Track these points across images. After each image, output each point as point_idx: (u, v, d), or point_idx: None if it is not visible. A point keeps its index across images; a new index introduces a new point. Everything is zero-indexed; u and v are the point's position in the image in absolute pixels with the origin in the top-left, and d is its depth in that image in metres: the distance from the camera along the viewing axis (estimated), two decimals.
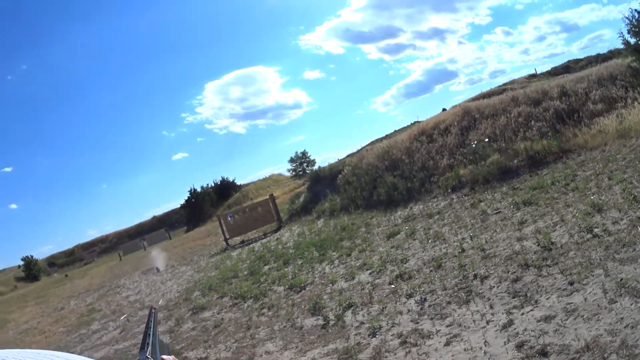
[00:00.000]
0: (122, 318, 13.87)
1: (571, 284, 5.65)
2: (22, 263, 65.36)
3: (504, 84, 36.52)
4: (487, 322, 5.62)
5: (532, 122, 14.42)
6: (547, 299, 5.57)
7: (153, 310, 1.73)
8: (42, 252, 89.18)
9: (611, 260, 5.73)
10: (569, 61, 45.19)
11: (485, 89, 38.07)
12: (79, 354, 5.56)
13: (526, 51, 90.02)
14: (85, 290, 25.03)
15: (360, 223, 15.07)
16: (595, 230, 6.92)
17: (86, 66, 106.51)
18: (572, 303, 5.26)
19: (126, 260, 40.47)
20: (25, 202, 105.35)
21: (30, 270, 63.51)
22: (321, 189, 22.04)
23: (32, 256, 66.25)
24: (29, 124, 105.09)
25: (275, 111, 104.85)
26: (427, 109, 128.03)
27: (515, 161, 13.03)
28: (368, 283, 8.98)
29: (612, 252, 5.94)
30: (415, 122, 35.12)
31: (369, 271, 9.73)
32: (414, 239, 10.90)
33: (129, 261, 36.72)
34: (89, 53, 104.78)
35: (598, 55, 40.98)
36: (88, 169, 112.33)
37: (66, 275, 47.64)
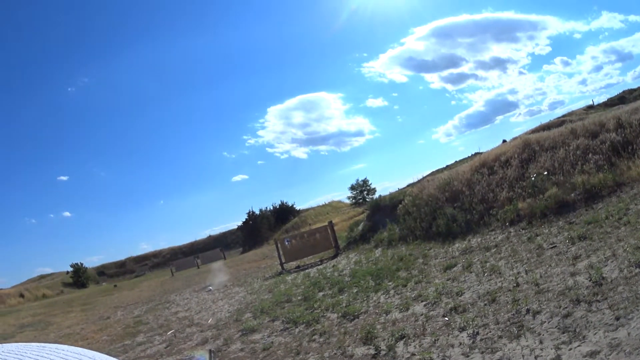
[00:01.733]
0: (169, 333, 14.02)
1: (617, 319, 5.61)
2: (70, 269, 67.20)
3: (563, 116, 36.15)
4: (535, 358, 5.60)
5: (590, 155, 14.16)
6: (595, 334, 5.53)
7: (212, 354, 1.83)
8: (92, 261, 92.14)
9: None
10: (623, 91, 44.62)
11: (545, 120, 37.75)
12: None
13: (584, 81, 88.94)
14: (133, 302, 25.39)
15: (418, 254, 14.96)
16: None
17: (150, 82, 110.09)
18: (616, 338, 5.22)
19: (178, 276, 40.92)
20: (79, 211, 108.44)
21: (79, 277, 65.28)
22: (380, 218, 21.98)
23: (81, 264, 68.25)
24: (88, 135, 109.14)
25: (338, 138, 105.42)
26: (487, 140, 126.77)
27: (572, 195, 12.80)
28: (422, 314, 8.95)
29: None
30: (476, 154, 34.94)
31: (424, 302, 9.67)
32: (470, 272, 10.80)
33: (181, 278, 37.12)
34: (153, 70, 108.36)
35: None
36: (146, 184, 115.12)
37: (115, 286, 48.69)
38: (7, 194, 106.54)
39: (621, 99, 40.06)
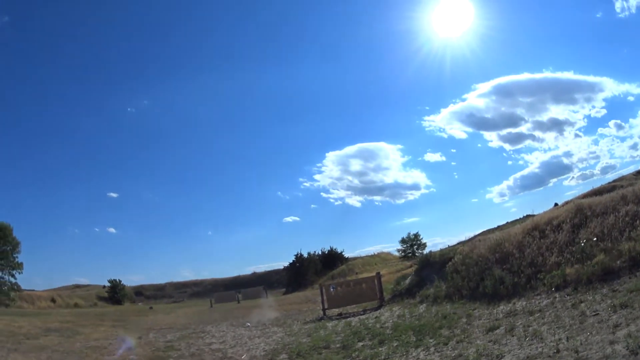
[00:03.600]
0: None
1: None
2: (108, 284, 68.22)
3: (614, 181, 35.58)
4: None
5: (637, 222, 13.89)
6: None
7: None
8: (131, 279, 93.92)
9: None
10: None
11: (597, 184, 37.23)
12: None
13: (635, 146, 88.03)
14: (167, 327, 25.39)
15: (462, 313, 14.79)
16: None
17: (211, 112, 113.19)
18: None
19: (217, 308, 40.95)
20: (124, 228, 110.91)
21: (115, 293, 66.36)
22: (428, 273, 21.87)
23: (119, 280, 69.38)
24: (143, 156, 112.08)
25: (393, 190, 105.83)
26: (539, 203, 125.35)
27: (618, 262, 12.47)
28: None
29: None
30: (528, 216, 34.48)
31: None
32: (513, 335, 10.64)
33: (220, 310, 37.10)
34: (216, 100, 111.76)
35: None
36: (195, 212, 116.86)
37: (151, 307, 49.10)
38: (58, 202, 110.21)
39: None
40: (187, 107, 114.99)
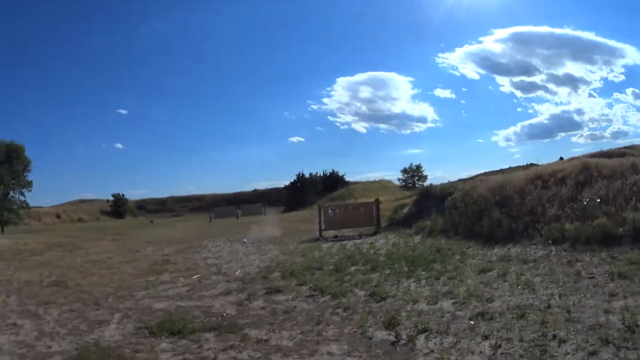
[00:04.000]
0: (194, 277, 14.42)
1: None
2: (111, 198, 68.86)
3: (625, 147, 35.32)
4: None
5: None
6: None
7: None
8: (134, 194, 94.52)
9: None
10: None
11: (605, 147, 36.95)
12: (139, 299, 6.38)
13: None
14: (166, 240, 26.13)
15: (456, 250, 15.06)
16: None
17: (222, 32, 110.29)
18: None
19: (216, 223, 41.43)
20: (131, 144, 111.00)
21: (118, 207, 67.31)
22: (427, 206, 22.16)
23: (123, 195, 70.13)
24: (154, 75, 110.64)
25: (400, 120, 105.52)
26: (545, 154, 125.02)
27: (621, 229, 12.56)
28: (449, 312, 9.07)
29: None
30: (531, 164, 34.57)
31: (453, 300, 9.80)
32: (505, 281, 10.85)
33: (218, 225, 37.72)
34: (228, 21, 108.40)
35: None
36: (202, 129, 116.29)
37: (151, 221, 50.02)
38: (67, 119, 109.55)
39: None
40: (199, 26, 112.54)
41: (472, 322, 8.36)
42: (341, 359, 7.39)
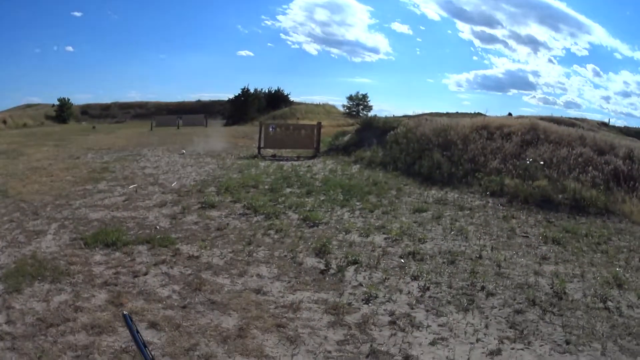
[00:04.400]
0: (131, 187, 14.19)
1: (567, 343, 5.69)
2: (57, 103, 66.43)
3: (575, 118, 36.16)
4: (477, 340, 5.72)
5: (590, 169, 14.28)
6: (540, 346, 5.64)
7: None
8: (79, 98, 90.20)
9: (612, 342, 5.73)
10: None
11: (556, 113, 37.68)
12: (76, 208, 6.02)
13: (607, 98, 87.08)
14: (106, 147, 25.39)
15: (393, 185, 15.17)
16: (609, 303, 6.87)
17: None
18: None
19: (157, 132, 40.42)
20: (82, 47, 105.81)
21: (62, 112, 64.58)
22: (368, 137, 22.07)
23: (68, 99, 67.28)
24: None
25: (353, 47, 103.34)
26: (494, 107, 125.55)
27: (560, 196, 12.96)
28: (380, 247, 9.18)
29: (616, 335, 5.92)
30: (479, 114, 35.00)
31: (385, 236, 9.92)
32: (439, 224, 11.03)
33: (159, 134, 36.76)
34: None
35: None
36: (154, 35, 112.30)
37: (94, 127, 48.53)
38: (20, 20, 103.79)
39: (638, 133, 40.01)
40: None
41: (402, 261, 8.46)
42: (270, 282, 7.40)
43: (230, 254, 8.52)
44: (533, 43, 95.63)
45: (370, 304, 6.66)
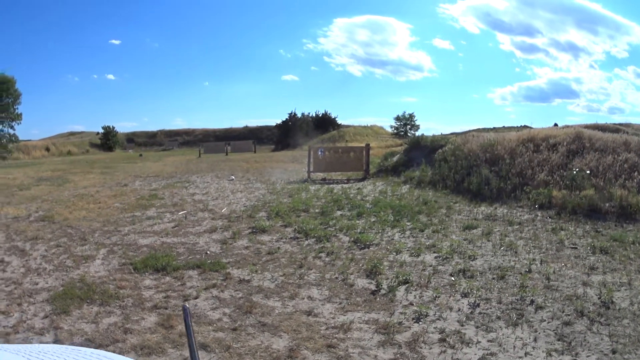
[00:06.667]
0: (180, 213, 14.42)
1: (614, 352, 5.70)
2: (101, 131, 68.22)
3: (620, 124, 35.33)
4: (526, 354, 5.77)
5: (635, 174, 14.13)
6: (587, 357, 5.66)
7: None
8: (124, 126, 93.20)
9: None
10: None
11: (601, 120, 37.01)
12: (125, 234, 6.54)
13: None
14: (154, 175, 25.90)
15: (443, 203, 15.19)
16: None
17: None
18: None
19: (205, 158, 40.66)
20: (123, 75, 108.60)
21: (108, 139, 66.33)
22: (417, 156, 22.11)
23: (113, 127, 69.09)
24: (148, 3, 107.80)
25: (396, 66, 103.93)
26: (539, 118, 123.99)
27: (607, 204, 12.82)
28: (431, 266, 9.23)
29: None
30: (525, 126, 34.80)
31: (436, 254, 9.95)
32: (488, 240, 11.03)
33: (207, 161, 37.05)
34: None
35: None
36: (196, 62, 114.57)
37: (140, 155, 49.58)
38: (58, 49, 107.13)
39: None
40: None
41: (453, 278, 8.55)
42: (321, 304, 7.51)
43: (282, 277, 8.65)
44: (573, 49, 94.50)
45: (420, 323, 6.68)
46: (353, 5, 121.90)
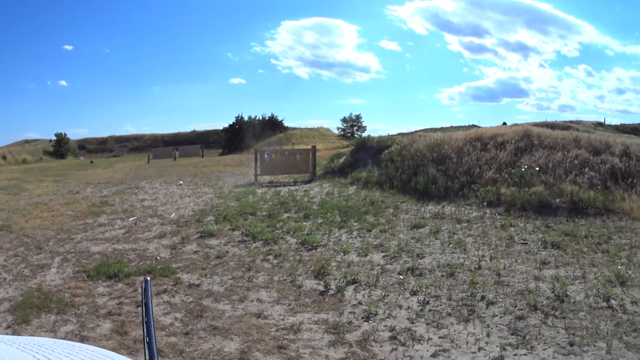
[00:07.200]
0: (130, 219, 14.14)
1: (571, 344, 5.64)
2: (54, 138, 66.88)
3: (570, 121, 36.31)
4: (479, 349, 5.68)
5: (586, 170, 14.28)
6: (544, 350, 5.59)
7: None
8: (76, 133, 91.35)
9: (617, 340, 5.69)
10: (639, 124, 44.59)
11: (551, 118, 37.81)
12: (78, 242, 5.97)
13: (601, 97, 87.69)
14: (104, 181, 25.41)
15: (390, 203, 15.09)
16: (612, 301, 6.84)
17: None
18: None
19: (154, 164, 40.51)
20: (76, 81, 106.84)
21: (60, 147, 65.02)
22: (363, 157, 22.01)
23: (65, 134, 67.77)
24: (99, 9, 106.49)
25: (343, 68, 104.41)
26: (488, 117, 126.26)
27: (557, 200, 12.93)
28: (379, 265, 9.11)
29: (621, 332, 5.88)
30: (473, 126, 35.14)
31: (383, 254, 9.84)
32: (436, 238, 10.97)
33: (156, 166, 36.72)
34: None
35: None
36: (146, 67, 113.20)
37: (91, 162, 48.61)
38: (11, 56, 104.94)
39: (635, 130, 40.11)
40: None
41: (401, 277, 8.39)
42: (270, 306, 7.36)
43: (231, 281, 8.50)
44: (523, 49, 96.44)
45: (370, 321, 6.63)
46: (301, 8, 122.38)
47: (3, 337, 0.86)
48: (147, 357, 1.10)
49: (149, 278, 1.27)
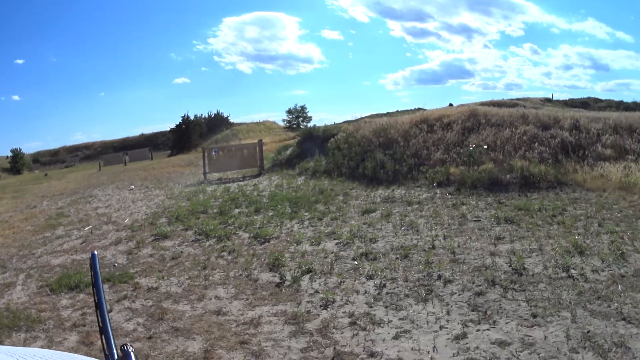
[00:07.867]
0: (86, 229, 13.86)
1: (534, 316, 5.63)
2: (10, 154, 65.42)
3: (517, 99, 36.83)
4: (440, 328, 5.66)
5: (536, 145, 14.45)
6: (507, 323, 5.58)
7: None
8: (30, 147, 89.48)
9: (581, 308, 5.71)
10: (589, 98, 45.58)
11: (497, 97, 38.23)
12: (39, 256, 5.58)
13: (548, 74, 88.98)
14: (59, 193, 24.92)
15: (339, 191, 15.03)
16: (572, 271, 6.88)
17: None
18: (531, 336, 5.24)
19: (105, 171, 40.05)
20: (27, 95, 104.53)
21: (16, 163, 63.68)
22: (310, 147, 21.87)
23: (20, 149, 66.33)
24: (47, 20, 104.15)
25: (286, 60, 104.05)
26: (434, 100, 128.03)
27: (508, 176, 13.05)
28: (332, 253, 9.04)
29: (585, 300, 5.90)
30: (419, 109, 35.35)
31: (336, 241, 9.79)
32: (388, 222, 10.92)
33: (107, 173, 36.36)
34: None
35: (621, 102, 41.08)
36: (91, 73, 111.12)
37: (46, 175, 47.66)
38: None
39: (584, 104, 40.99)
40: None
41: (356, 263, 8.35)
42: (229, 302, 7.32)
43: (187, 281, 8.39)
44: (466, 31, 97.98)
45: (328, 309, 6.64)
46: (242, 4, 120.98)
47: (3, 347, 0.90)
48: (100, 320, 1.26)
49: (96, 252, 1.44)
